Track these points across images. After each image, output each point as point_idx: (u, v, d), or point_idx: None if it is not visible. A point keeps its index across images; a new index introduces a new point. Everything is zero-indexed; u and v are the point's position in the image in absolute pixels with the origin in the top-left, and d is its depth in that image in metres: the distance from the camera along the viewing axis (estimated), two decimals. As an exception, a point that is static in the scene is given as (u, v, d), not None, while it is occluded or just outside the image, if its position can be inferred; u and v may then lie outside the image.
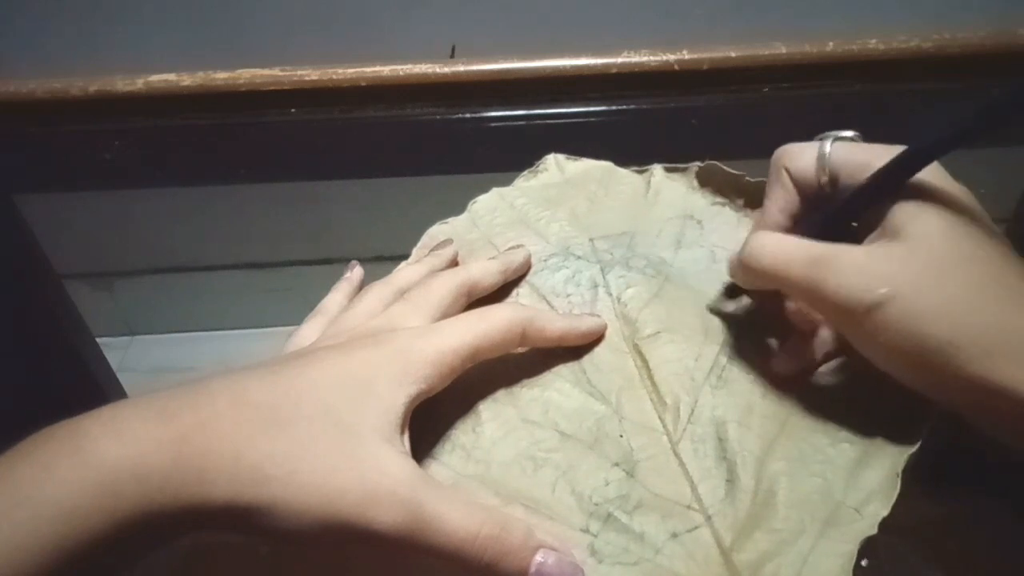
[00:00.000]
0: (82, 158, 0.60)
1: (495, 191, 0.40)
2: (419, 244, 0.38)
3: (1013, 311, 0.24)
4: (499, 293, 0.35)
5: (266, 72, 0.58)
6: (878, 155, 0.28)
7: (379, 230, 0.72)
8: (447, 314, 0.31)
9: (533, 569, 0.24)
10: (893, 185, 0.27)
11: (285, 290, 0.77)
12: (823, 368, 0.31)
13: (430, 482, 0.24)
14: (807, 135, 0.61)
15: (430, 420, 0.29)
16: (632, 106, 0.60)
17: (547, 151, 0.42)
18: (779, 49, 0.58)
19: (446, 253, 0.35)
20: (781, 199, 0.31)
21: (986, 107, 0.24)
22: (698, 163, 0.40)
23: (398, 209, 0.69)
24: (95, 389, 0.58)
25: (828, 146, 0.30)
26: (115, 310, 0.80)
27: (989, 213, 0.29)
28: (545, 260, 0.36)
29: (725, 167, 0.39)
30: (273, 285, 0.77)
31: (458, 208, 0.39)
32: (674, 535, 0.27)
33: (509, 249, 0.36)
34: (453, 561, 0.24)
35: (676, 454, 0.29)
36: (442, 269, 0.34)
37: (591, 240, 0.37)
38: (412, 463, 0.25)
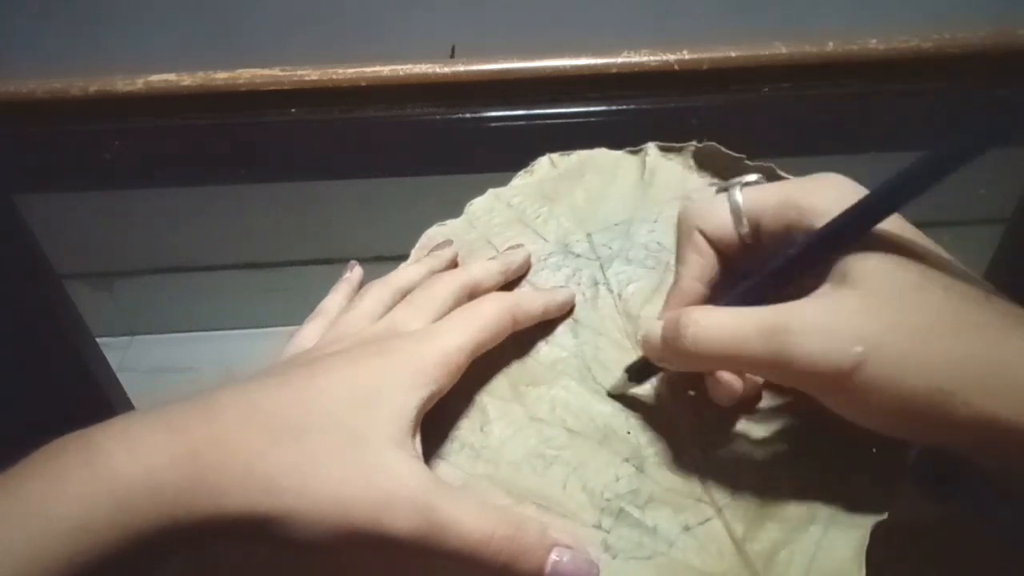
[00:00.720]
0: (82, 158, 0.61)
1: (491, 192, 0.40)
2: (417, 246, 0.38)
3: (996, 340, 0.23)
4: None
5: (266, 72, 0.58)
6: (795, 191, 0.26)
7: (379, 230, 0.72)
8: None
9: (549, 568, 0.24)
10: (852, 237, 0.24)
11: (285, 290, 0.77)
12: None
13: (443, 486, 0.24)
14: (806, 135, 0.62)
15: (436, 419, 0.29)
16: (632, 106, 0.60)
17: (547, 151, 0.42)
18: (779, 49, 0.58)
19: (445, 254, 0.35)
20: (696, 265, 0.28)
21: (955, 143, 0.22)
22: (694, 143, 0.40)
23: (398, 209, 0.69)
24: (95, 389, 0.58)
25: (738, 194, 0.27)
26: (115, 310, 0.80)
27: (989, 213, 0.28)
28: (544, 259, 0.36)
29: (723, 148, 0.38)
30: (273, 285, 0.77)
31: (458, 208, 0.39)
32: (687, 528, 0.27)
33: (509, 249, 0.36)
34: (469, 563, 0.24)
35: (684, 447, 0.29)
36: (441, 270, 0.34)
37: (589, 235, 0.37)
38: (424, 468, 0.25)
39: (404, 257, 0.38)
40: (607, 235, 0.37)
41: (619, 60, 0.58)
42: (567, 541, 0.25)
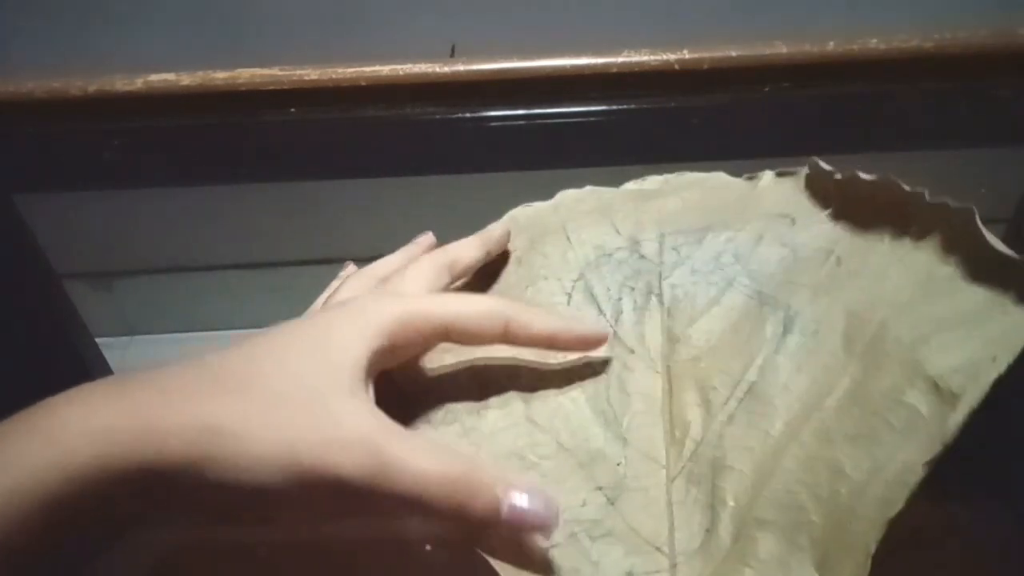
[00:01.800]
0: (82, 158, 0.61)
1: (589, 188, 0.39)
2: (502, 220, 0.38)
3: None
4: (549, 291, 0.34)
5: (266, 72, 0.58)
6: None
7: (379, 230, 0.72)
8: (430, 292, 0.30)
9: (506, 509, 0.23)
10: None
11: (285, 290, 0.77)
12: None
13: (394, 428, 0.24)
14: (807, 135, 0.62)
15: (440, 388, 0.29)
16: (632, 106, 0.60)
17: (547, 151, 0.42)
18: (779, 49, 0.58)
19: (423, 242, 0.35)
20: None
21: None
22: (807, 167, 0.37)
23: (398, 209, 0.69)
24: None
25: None
26: (115, 310, 0.80)
27: (989, 213, 0.28)
28: (611, 253, 0.34)
29: (826, 166, 0.35)
30: (273, 285, 0.77)
31: (457, 209, 0.40)
32: (629, 574, 0.26)
33: (489, 228, 0.36)
34: (421, 507, 0.23)
35: (668, 491, 0.28)
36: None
37: (661, 235, 0.35)
38: (377, 412, 0.24)
39: (404, 257, 0.38)
40: (679, 239, 0.35)
41: (619, 60, 0.58)
42: (523, 484, 0.24)
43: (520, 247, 0.36)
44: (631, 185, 0.39)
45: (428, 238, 0.36)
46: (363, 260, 0.37)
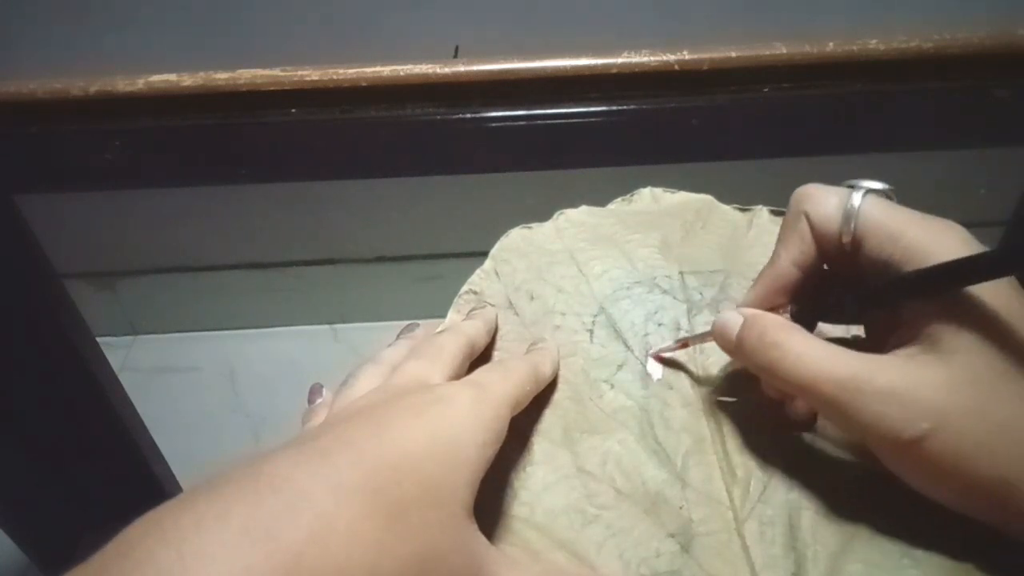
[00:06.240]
0: (82, 158, 0.61)
1: (585, 208, 0.37)
2: (496, 247, 0.36)
3: None
4: (571, 328, 0.33)
5: (266, 72, 0.58)
6: (913, 225, 0.25)
7: (379, 230, 0.72)
8: (458, 371, 0.29)
9: None
10: (944, 289, 0.24)
11: (285, 290, 0.77)
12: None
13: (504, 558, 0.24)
14: (806, 135, 0.62)
15: None
16: (632, 106, 0.60)
17: (547, 151, 0.42)
18: (779, 49, 0.58)
19: (419, 334, 0.33)
20: (796, 249, 0.28)
21: None
22: None
23: (398, 209, 0.70)
24: (95, 389, 0.58)
25: (857, 199, 0.26)
26: (118, 310, 0.80)
27: (988, 214, 0.28)
28: (628, 288, 0.33)
29: None
30: (273, 285, 0.77)
31: (458, 209, 0.39)
32: None
33: (475, 309, 0.34)
34: None
35: (740, 534, 0.26)
36: None
37: (681, 274, 0.34)
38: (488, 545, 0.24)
39: (405, 258, 0.38)
40: (700, 280, 0.34)
41: (619, 60, 0.58)
42: None
43: (527, 277, 0.35)
44: (620, 205, 0.39)
45: (423, 332, 0.33)
46: (363, 260, 0.37)
